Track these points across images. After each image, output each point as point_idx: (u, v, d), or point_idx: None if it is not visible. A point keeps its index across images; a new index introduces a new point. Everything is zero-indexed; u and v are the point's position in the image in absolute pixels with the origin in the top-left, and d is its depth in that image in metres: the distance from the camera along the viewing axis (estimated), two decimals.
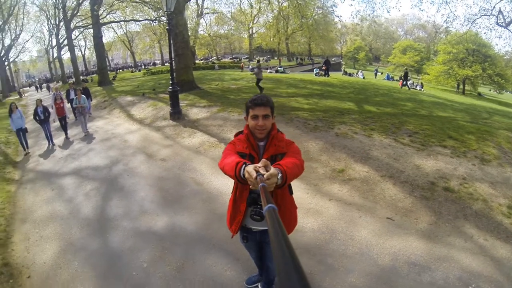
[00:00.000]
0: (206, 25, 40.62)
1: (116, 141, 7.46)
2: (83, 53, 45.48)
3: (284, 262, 0.47)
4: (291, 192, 2.07)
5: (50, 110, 8.14)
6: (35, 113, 7.88)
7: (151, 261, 3.15)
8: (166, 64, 42.38)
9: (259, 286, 2.67)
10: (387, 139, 5.53)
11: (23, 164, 6.89)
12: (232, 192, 2.04)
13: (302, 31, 39.20)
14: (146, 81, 19.66)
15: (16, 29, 33.08)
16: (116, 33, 40.68)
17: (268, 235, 0.78)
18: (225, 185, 4.44)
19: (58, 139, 8.43)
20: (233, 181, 1.77)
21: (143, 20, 27.37)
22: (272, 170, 1.32)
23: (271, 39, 41.17)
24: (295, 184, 4.25)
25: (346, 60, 44.05)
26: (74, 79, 28.58)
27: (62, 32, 31.60)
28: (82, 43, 42.05)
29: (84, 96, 8.50)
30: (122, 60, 58.48)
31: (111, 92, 15.54)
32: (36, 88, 33.82)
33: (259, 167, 1.31)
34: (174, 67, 8.87)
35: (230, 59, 44.54)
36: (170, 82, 8.21)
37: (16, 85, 40.17)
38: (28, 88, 40.09)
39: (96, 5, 20.45)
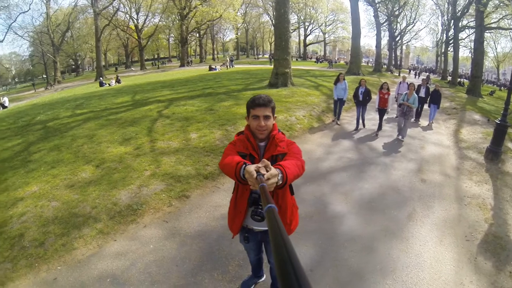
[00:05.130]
0: None
1: (414, 143, 8.02)
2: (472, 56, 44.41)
3: (283, 262, 0.51)
4: (292, 193, 2.20)
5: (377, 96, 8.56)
6: (356, 92, 8.68)
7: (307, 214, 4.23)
8: None
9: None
10: None
11: (328, 126, 9.43)
12: (233, 192, 2.25)
13: None
14: None
15: (411, 17, 42.69)
16: None
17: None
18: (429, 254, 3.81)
19: (368, 126, 9.37)
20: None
21: None
22: (273, 170, 1.47)
23: None
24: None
25: None
26: (451, 77, 29.95)
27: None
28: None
29: (415, 95, 8.00)
30: None
31: (468, 104, 15.36)
32: (416, 74, 37.99)
33: (260, 167, 1.46)
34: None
35: None
36: (502, 112, 7.16)
37: (402, 64, 50.79)
38: (411, 71, 45.74)
39: (480, 5, 18.47)
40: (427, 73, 38.07)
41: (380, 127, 8.69)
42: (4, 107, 20.48)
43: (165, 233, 4.06)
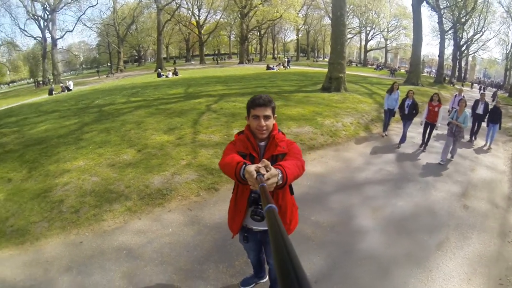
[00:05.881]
0: None
1: (463, 164, 7.40)
2: None
3: (283, 262, 0.52)
4: (291, 193, 2.25)
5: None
6: (401, 104, 8.06)
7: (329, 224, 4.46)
8: None
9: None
10: None
11: (374, 136, 9.10)
12: (233, 192, 2.31)
13: None
14: None
15: (479, 25, 38.65)
16: None
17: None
18: None
19: (410, 141, 8.65)
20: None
21: None
22: (273, 170, 1.50)
23: None
24: None
25: None
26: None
27: None
28: None
29: (467, 112, 6.99)
30: None
31: None
32: (481, 88, 34.20)
33: (260, 167, 1.49)
34: None
35: None
36: None
37: (467, 76, 47.11)
38: (474, 84, 41.26)
39: None
40: (495, 89, 34.43)
41: (426, 142, 8.06)
42: (69, 90, 23.02)
43: (186, 220, 4.36)
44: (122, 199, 4.75)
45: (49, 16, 35.37)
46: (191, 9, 45.91)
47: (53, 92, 22.10)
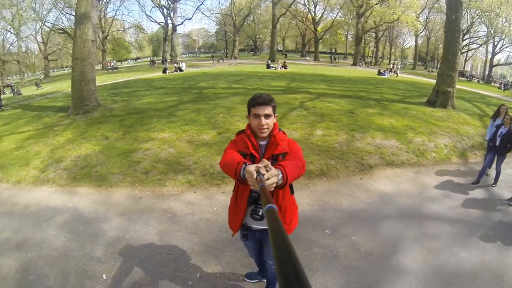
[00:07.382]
0: None
1: None
2: None
3: (283, 262, 0.54)
4: (292, 192, 2.33)
5: None
6: (494, 134, 6.63)
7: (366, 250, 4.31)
8: None
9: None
10: None
11: (469, 166, 7.61)
12: (233, 191, 2.39)
13: None
14: None
15: None
16: None
17: (268, 234, 0.95)
18: None
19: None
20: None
21: None
22: (273, 170, 1.54)
23: None
24: None
25: None
26: None
27: None
28: None
29: None
30: None
31: None
32: None
33: (260, 167, 1.53)
34: None
35: None
36: None
37: None
38: None
39: None
40: None
41: None
42: (181, 70, 26.34)
43: None
44: (186, 172, 5.55)
45: (171, 5, 41.85)
46: (307, 5, 46.67)
47: (167, 71, 25.70)
